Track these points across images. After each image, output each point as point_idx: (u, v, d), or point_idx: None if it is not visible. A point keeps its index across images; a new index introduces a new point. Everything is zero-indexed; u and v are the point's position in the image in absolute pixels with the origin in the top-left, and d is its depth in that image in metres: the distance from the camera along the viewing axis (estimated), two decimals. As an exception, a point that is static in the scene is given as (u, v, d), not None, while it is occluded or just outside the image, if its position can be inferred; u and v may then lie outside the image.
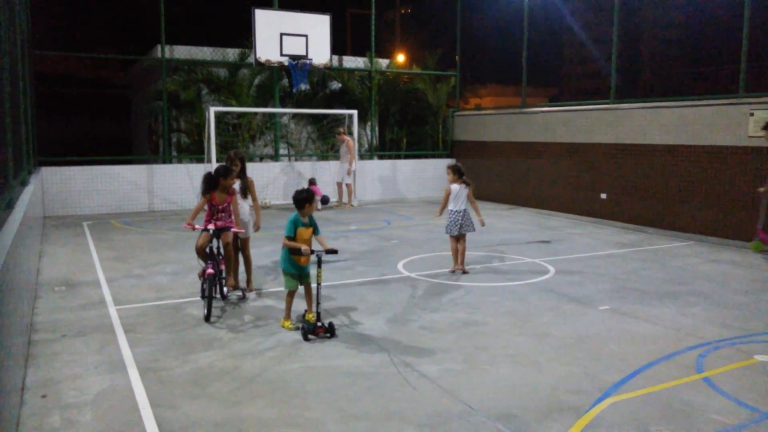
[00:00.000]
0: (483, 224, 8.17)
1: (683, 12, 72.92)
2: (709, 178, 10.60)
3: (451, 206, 7.97)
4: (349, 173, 14.62)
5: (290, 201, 15.96)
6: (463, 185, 7.99)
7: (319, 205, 14.32)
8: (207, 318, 5.88)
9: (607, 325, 5.89)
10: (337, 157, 16.06)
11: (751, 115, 9.94)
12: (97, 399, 4.24)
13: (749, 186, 9.93)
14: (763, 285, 7.51)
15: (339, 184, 14.88)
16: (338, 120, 16.30)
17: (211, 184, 6.41)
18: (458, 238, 7.98)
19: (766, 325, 5.96)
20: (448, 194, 8.02)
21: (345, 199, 14.83)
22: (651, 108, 11.75)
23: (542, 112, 14.67)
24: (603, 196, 12.62)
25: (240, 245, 7.00)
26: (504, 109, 16.79)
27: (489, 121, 16.39)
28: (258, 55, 14.06)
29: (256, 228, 7.07)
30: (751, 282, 7.66)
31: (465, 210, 7.94)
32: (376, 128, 17.53)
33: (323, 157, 16.76)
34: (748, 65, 10.67)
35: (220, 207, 6.46)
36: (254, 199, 7.09)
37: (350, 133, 15.46)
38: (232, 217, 6.58)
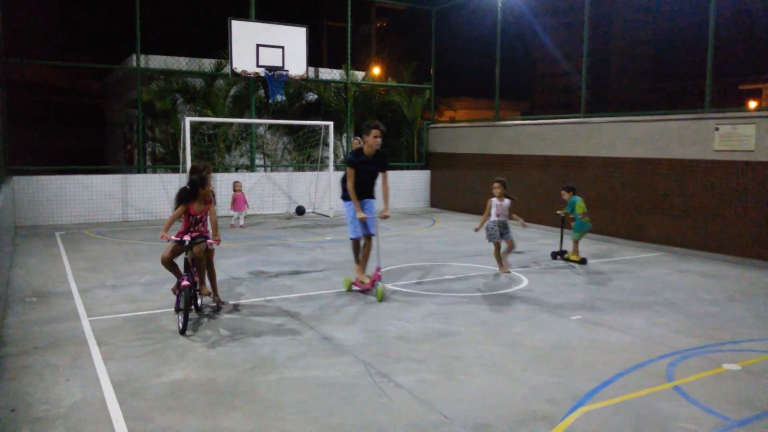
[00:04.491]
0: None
1: (651, 30, 74.78)
2: (676, 191, 10.86)
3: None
4: None
5: (266, 212, 15.84)
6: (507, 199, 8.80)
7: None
8: (182, 331, 5.82)
9: (579, 335, 6.00)
10: (313, 168, 16.08)
11: (717, 129, 10.24)
12: (69, 412, 4.18)
13: (715, 198, 10.21)
14: (730, 295, 7.71)
15: None
16: (314, 130, 16.32)
17: (189, 196, 6.36)
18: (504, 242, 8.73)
19: (733, 334, 6.12)
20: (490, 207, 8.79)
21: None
22: (620, 122, 12.03)
23: (515, 125, 14.90)
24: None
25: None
26: (477, 122, 17.01)
27: (463, 134, 16.58)
28: (234, 66, 14.05)
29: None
30: (718, 292, 7.86)
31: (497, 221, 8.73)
32: (352, 139, 17.58)
33: (299, 167, 16.76)
34: (713, 82, 11.00)
35: (199, 217, 6.43)
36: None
37: (326, 144, 15.48)
38: (207, 227, 6.54)
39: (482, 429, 4.01)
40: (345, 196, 7.83)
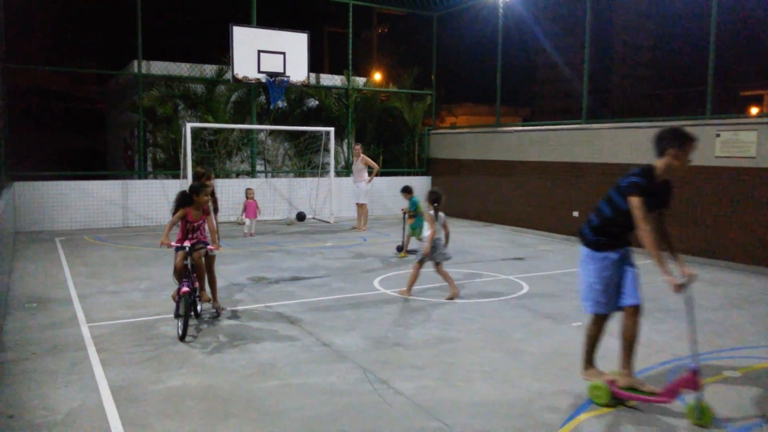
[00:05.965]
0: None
1: (652, 36, 74.94)
2: (677, 197, 10.81)
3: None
4: (369, 182, 13.78)
5: (267, 218, 15.82)
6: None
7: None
8: (182, 337, 5.81)
9: (580, 342, 5.96)
10: (314, 174, 16.10)
11: (718, 136, 10.23)
12: (68, 419, 4.17)
13: (716, 205, 10.19)
14: (729, 302, 7.69)
15: (358, 206, 13.82)
16: (315, 137, 16.34)
17: (185, 201, 6.38)
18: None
19: (733, 341, 6.10)
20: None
21: (362, 219, 13.82)
22: (621, 128, 12.03)
23: (516, 131, 14.90)
24: (575, 213, 12.83)
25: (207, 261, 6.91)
26: (478, 128, 17.02)
27: (464, 140, 16.59)
28: (235, 72, 14.09)
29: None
30: (719, 299, 7.83)
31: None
32: (353, 146, 17.62)
33: (300, 173, 16.77)
34: (714, 88, 11.00)
35: (196, 224, 6.44)
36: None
37: (327, 150, 15.50)
38: (206, 234, 6.55)
39: (481, 436, 3.99)
40: (599, 244, 4.71)
